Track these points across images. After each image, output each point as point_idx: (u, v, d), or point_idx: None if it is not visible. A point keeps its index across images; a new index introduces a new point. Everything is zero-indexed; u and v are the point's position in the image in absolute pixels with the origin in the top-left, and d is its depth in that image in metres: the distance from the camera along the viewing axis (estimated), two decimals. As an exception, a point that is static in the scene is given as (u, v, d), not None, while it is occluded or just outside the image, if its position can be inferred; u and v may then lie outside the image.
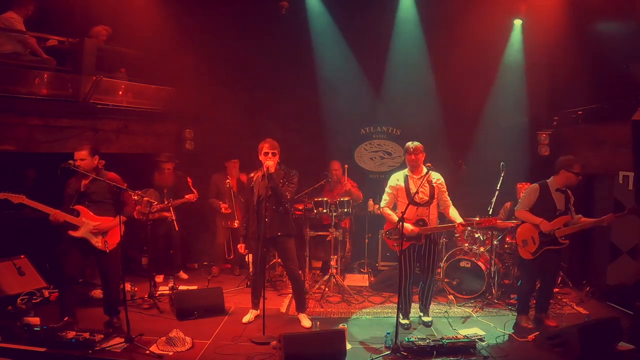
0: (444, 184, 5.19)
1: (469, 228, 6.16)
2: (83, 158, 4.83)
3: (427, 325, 5.24)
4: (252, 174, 5.31)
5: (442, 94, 7.52)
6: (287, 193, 5.13)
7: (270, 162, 5.03)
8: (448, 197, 5.20)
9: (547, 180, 5.19)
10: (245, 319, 5.32)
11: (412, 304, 5.40)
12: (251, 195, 5.25)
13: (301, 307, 5.40)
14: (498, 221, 5.95)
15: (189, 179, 6.64)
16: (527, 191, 5.28)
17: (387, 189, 5.24)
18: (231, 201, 6.90)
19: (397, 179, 5.19)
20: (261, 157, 5.13)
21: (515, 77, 7.37)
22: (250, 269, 6.08)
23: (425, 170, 5.04)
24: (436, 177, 5.17)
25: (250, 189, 5.26)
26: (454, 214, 5.15)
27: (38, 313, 5.19)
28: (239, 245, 5.47)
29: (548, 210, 5.09)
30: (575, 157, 5.16)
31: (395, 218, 4.96)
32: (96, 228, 4.91)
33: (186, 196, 6.56)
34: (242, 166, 7.02)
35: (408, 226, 4.95)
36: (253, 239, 5.21)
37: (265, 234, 5.05)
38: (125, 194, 5.04)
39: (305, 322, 5.26)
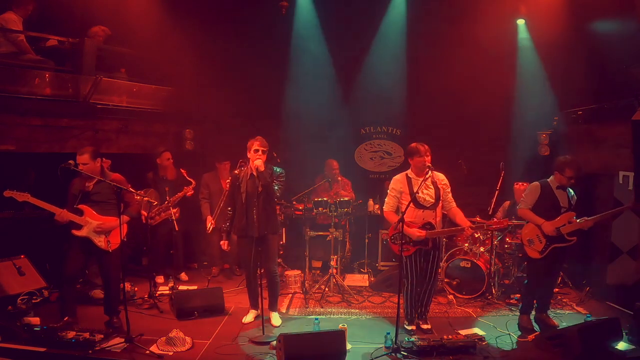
0: (448, 184, 5.11)
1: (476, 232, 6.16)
2: (85, 162, 4.82)
3: (428, 333, 5.12)
4: (236, 171, 5.28)
5: (443, 94, 7.51)
6: (277, 191, 5.19)
7: (259, 161, 5.01)
8: (452, 198, 5.13)
9: (548, 179, 5.19)
10: (246, 319, 5.33)
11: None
12: (238, 192, 5.19)
13: (273, 306, 5.40)
14: (509, 222, 5.94)
15: (182, 170, 6.60)
16: (528, 189, 5.27)
17: (389, 192, 5.10)
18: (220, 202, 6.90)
19: (399, 181, 5.05)
20: (250, 154, 5.12)
21: (515, 76, 7.37)
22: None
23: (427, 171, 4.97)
24: (440, 177, 5.09)
25: (237, 186, 5.20)
26: (458, 215, 5.09)
27: (38, 313, 5.19)
28: (221, 242, 5.36)
29: (551, 208, 5.08)
30: (573, 159, 5.13)
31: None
32: (99, 227, 4.92)
33: (185, 188, 6.52)
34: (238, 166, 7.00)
35: (414, 231, 4.87)
36: (240, 236, 5.17)
37: (253, 231, 5.01)
38: (129, 195, 5.04)
39: (275, 320, 5.30)
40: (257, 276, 5.21)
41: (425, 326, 5.20)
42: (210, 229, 6.57)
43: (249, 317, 5.34)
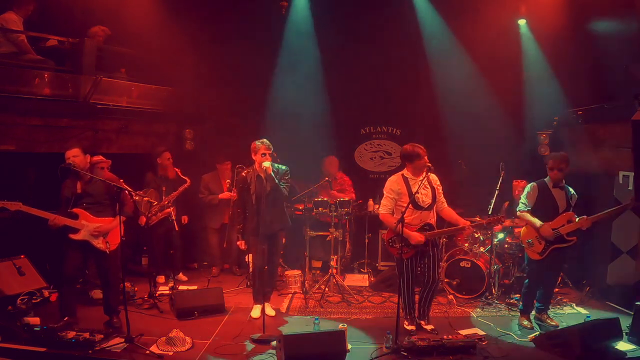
0: (440, 184, 5.15)
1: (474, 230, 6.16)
2: (76, 155, 4.80)
3: (434, 333, 5.06)
4: (244, 173, 5.42)
5: (443, 94, 7.51)
6: (284, 190, 5.34)
7: (267, 163, 5.19)
8: (444, 198, 5.16)
9: (544, 179, 5.20)
10: (255, 314, 5.40)
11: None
12: (248, 193, 5.34)
13: (268, 297, 5.58)
14: (507, 221, 5.94)
15: (176, 169, 6.66)
16: (526, 191, 5.27)
17: (386, 194, 5.03)
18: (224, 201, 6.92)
19: (396, 182, 5.00)
20: (257, 157, 5.28)
21: (515, 76, 7.37)
22: (250, 268, 6.09)
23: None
24: (434, 178, 5.10)
25: (247, 189, 5.34)
26: (453, 215, 5.10)
27: (38, 313, 5.19)
28: (238, 243, 5.55)
29: (550, 208, 5.09)
30: (559, 153, 5.19)
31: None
32: (97, 230, 4.90)
33: (179, 188, 6.56)
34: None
35: (414, 235, 4.86)
36: (252, 234, 5.31)
37: (266, 230, 5.16)
38: (123, 194, 5.01)
39: (269, 310, 5.47)
40: (263, 273, 5.34)
41: (428, 327, 5.17)
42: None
43: (257, 312, 5.38)
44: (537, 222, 5.07)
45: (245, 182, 5.37)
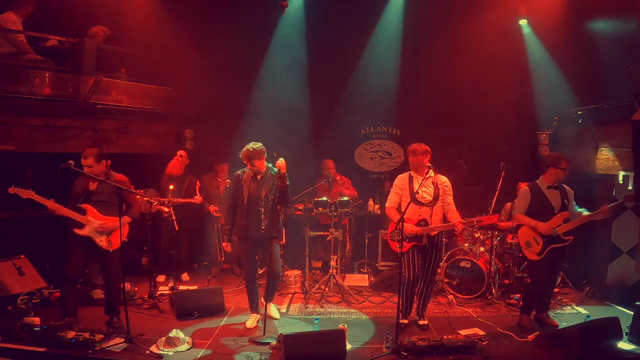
0: (449, 187, 5.16)
1: (468, 227, 6.16)
2: (90, 165, 4.85)
3: (424, 329, 5.17)
4: (238, 172, 5.22)
5: (443, 94, 7.52)
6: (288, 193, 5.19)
7: (282, 161, 4.99)
8: (452, 201, 5.16)
9: (537, 181, 5.23)
10: (249, 324, 5.19)
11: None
12: (240, 194, 5.13)
13: (270, 297, 5.34)
14: (498, 222, 5.94)
15: (197, 182, 6.72)
16: (519, 195, 5.34)
17: (392, 189, 5.27)
18: (221, 202, 6.90)
19: (402, 178, 5.21)
20: (259, 161, 5.07)
21: (515, 77, 7.37)
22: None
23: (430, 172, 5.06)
24: (443, 179, 5.16)
25: (240, 188, 5.14)
26: (453, 216, 5.13)
27: (38, 313, 5.19)
28: (223, 244, 5.41)
29: (545, 210, 5.11)
30: (561, 153, 5.23)
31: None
32: (101, 227, 4.91)
33: (192, 199, 6.60)
34: (238, 166, 7.00)
35: (408, 226, 4.93)
36: (242, 238, 5.15)
37: (256, 234, 5.03)
38: (131, 196, 5.05)
39: (274, 312, 5.38)
40: (256, 279, 5.28)
41: (422, 322, 5.23)
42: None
43: (252, 322, 5.21)
44: (532, 221, 5.11)
45: (239, 181, 5.16)
